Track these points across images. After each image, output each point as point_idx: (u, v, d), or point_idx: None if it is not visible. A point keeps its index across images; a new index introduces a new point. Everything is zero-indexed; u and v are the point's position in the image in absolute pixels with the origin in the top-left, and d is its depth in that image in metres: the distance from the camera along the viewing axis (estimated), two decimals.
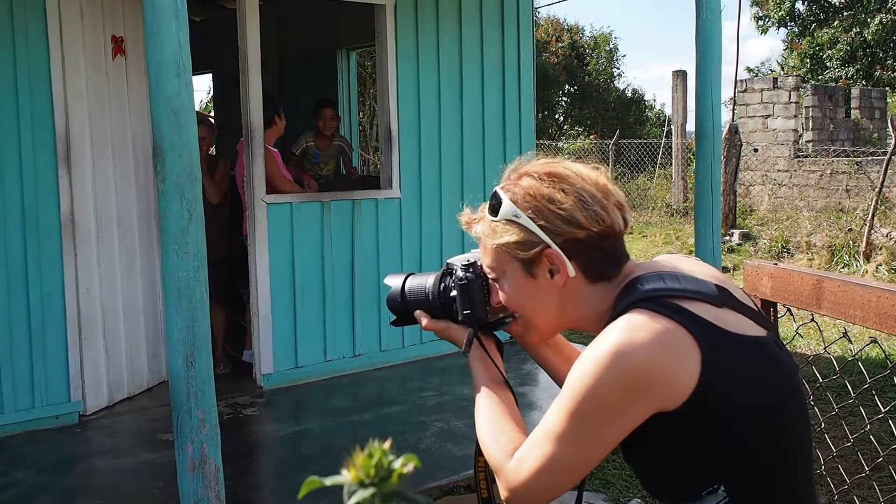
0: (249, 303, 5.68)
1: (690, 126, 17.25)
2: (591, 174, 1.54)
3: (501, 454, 1.52)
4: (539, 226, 1.49)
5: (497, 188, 1.57)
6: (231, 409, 5.07)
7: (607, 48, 26.91)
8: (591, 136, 21.81)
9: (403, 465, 0.68)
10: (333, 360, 5.78)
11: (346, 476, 0.68)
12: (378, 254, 5.92)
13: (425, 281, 1.76)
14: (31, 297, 4.69)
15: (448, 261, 1.74)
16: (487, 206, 1.59)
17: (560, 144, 22.83)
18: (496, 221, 1.55)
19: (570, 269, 1.51)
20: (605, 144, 19.82)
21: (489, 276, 1.63)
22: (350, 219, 5.77)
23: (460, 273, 1.67)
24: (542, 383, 5.37)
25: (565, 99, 26.53)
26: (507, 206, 1.52)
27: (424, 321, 1.75)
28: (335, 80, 8.25)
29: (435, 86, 6.09)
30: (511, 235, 1.52)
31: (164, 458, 4.35)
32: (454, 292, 1.69)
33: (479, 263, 1.66)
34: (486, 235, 1.57)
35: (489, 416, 1.63)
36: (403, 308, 1.78)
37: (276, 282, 5.49)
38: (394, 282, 1.80)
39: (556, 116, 26.69)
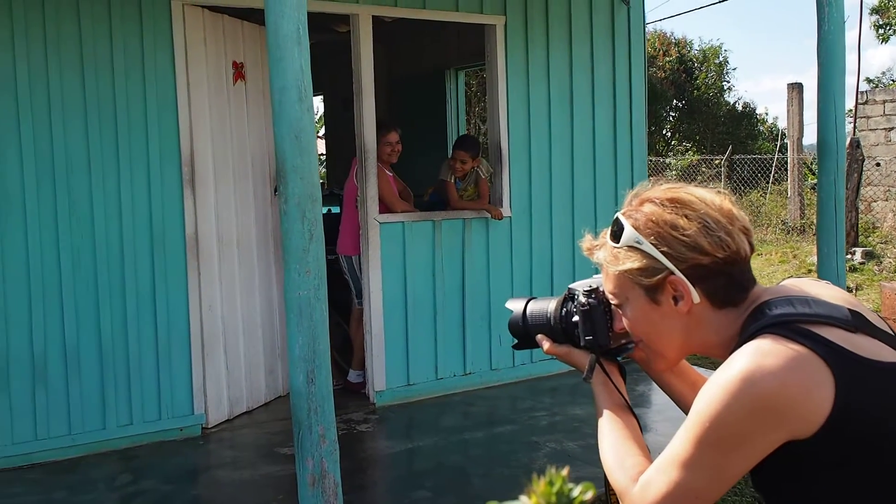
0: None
1: (807, 140, 16.66)
2: (716, 199, 1.52)
3: (626, 478, 1.51)
4: (662, 252, 1.48)
5: (618, 214, 1.56)
6: (345, 424, 5.15)
7: (716, 61, 26.35)
8: (700, 159, 21.29)
9: (583, 492, 0.67)
10: (444, 378, 5.83)
11: (525, 503, 0.68)
12: (488, 272, 5.94)
13: (547, 305, 1.76)
14: (158, 314, 4.90)
15: (570, 286, 1.73)
16: (609, 232, 1.58)
17: (667, 160, 22.43)
18: (618, 248, 1.53)
19: (695, 296, 1.48)
20: (716, 160, 19.37)
21: (612, 302, 1.62)
22: (461, 237, 5.81)
23: (582, 298, 1.67)
24: (657, 405, 5.27)
25: (673, 114, 26.07)
26: (628, 233, 1.51)
27: (546, 345, 1.75)
28: (444, 99, 8.34)
29: (545, 104, 6.09)
30: (633, 262, 1.51)
31: (283, 471, 4.46)
32: (576, 317, 1.68)
33: (601, 289, 1.65)
34: (607, 262, 1.56)
35: (613, 440, 1.61)
36: (525, 332, 1.79)
37: (389, 300, 5.57)
38: (515, 306, 1.81)
39: (664, 132, 26.25)
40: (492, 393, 5.89)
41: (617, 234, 1.54)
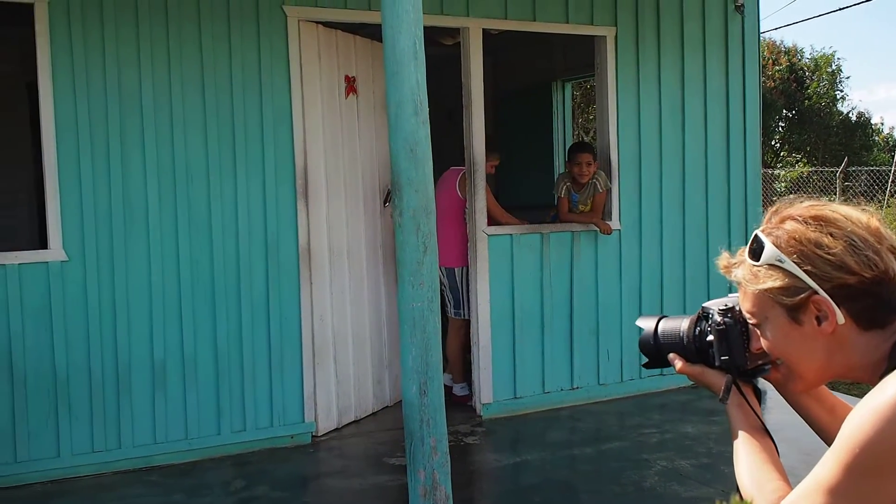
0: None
1: None
2: (862, 217, 1.46)
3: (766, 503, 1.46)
4: (805, 271, 1.43)
5: (757, 232, 1.52)
6: (452, 436, 5.15)
7: (829, 70, 25.51)
8: (812, 171, 20.59)
9: None
10: (551, 392, 5.78)
11: None
12: (597, 286, 5.87)
13: (679, 324, 1.72)
14: (272, 323, 5.01)
15: (704, 304, 1.70)
16: (747, 249, 1.53)
17: (776, 172, 21.79)
18: (758, 266, 1.49)
19: (840, 317, 1.43)
20: (827, 172, 18.71)
21: (749, 322, 1.57)
22: (569, 250, 5.77)
23: (718, 318, 1.62)
24: (772, 425, 5.09)
25: (782, 124, 25.33)
26: (769, 251, 1.47)
27: (679, 364, 1.72)
28: (550, 112, 8.29)
29: (656, 116, 6.00)
30: (774, 281, 1.46)
31: (392, 481, 4.49)
32: (711, 337, 1.64)
33: (737, 308, 1.61)
34: (746, 280, 1.52)
35: (751, 463, 1.56)
36: (656, 350, 1.76)
37: (496, 312, 5.56)
38: (646, 324, 1.78)
39: (773, 143, 25.53)
40: (599, 408, 5.81)
41: (757, 252, 1.49)
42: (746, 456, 1.58)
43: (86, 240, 4.61)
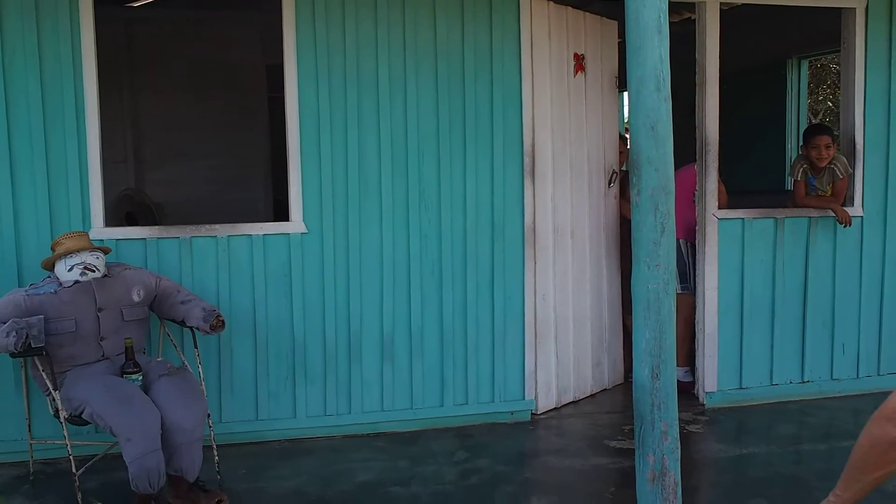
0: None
1: None
2: None
3: None
4: None
5: None
6: None
7: None
8: None
9: None
10: (779, 385, 5.51)
11: None
12: (834, 276, 5.53)
13: None
14: (496, 300, 5.08)
15: None
16: None
17: None
18: None
19: None
20: None
21: None
22: (805, 237, 5.46)
23: None
24: None
25: None
26: None
27: None
28: (783, 91, 7.87)
29: None
30: None
31: (613, 464, 4.45)
32: None
33: None
34: None
35: None
36: None
37: (724, 299, 5.36)
38: None
39: None
40: (832, 404, 5.48)
41: None
42: None
43: (323, 214, 4.84)
